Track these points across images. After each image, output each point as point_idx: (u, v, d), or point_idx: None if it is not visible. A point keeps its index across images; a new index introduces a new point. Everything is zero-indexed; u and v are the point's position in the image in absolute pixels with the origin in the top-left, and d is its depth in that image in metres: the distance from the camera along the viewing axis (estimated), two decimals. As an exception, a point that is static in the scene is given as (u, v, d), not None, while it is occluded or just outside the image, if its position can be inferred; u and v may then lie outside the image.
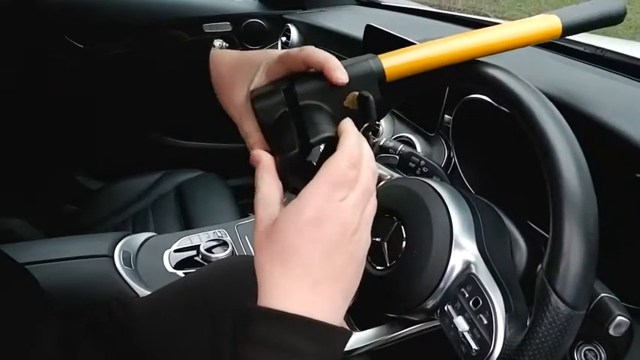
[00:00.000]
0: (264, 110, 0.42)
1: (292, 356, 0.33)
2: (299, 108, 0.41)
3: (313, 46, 0.43)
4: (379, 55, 0.45)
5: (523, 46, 0.51)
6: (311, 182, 0.36)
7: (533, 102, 0.41)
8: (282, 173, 0.39)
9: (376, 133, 0.87)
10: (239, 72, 0.47)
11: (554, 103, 0.43)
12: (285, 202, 0.38)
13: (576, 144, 0.40)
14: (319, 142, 0.39)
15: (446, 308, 0.46)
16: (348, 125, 0.39)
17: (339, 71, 0.41)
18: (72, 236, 0.87)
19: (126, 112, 0.54)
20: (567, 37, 0.78)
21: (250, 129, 0.46)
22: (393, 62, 0.45)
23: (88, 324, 0.61)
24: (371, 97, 0.41)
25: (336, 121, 0.40)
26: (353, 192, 0.36)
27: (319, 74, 0.42)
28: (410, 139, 0.85)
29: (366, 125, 0.41)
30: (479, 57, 0.48)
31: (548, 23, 0.51)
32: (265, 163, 0.40)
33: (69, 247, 0.81)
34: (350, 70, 0.42)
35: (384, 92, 0.45)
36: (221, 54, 0.50)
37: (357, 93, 0.42)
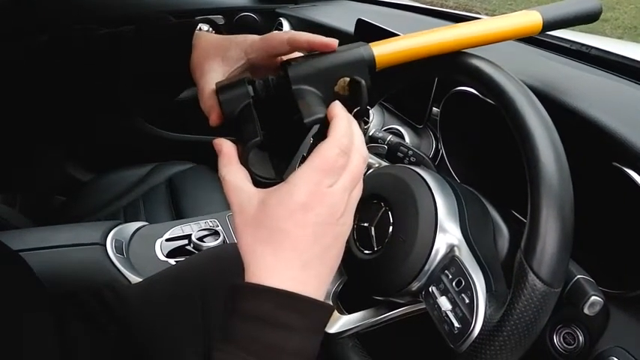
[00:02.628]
0: (228, 101, 0.42)
1: (281, 330, 0.35)
2: (290, 92, 0.42)
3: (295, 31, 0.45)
4: (370, 44, 0.46)
5: (506, 40, 0.53)
6: (301, 167, 0.37)
7: (514, 91, 0.43)
8: (245, 162, 0.40)
9: (367, 119, 0.88)
10: (217, 47, 0.48)
11: (536, 95, 0.45)
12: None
13: (554, 131, 0.41)
14: (313, 123, 0.39)
15: (430, 289, 0.48)
16: (337, 110, 0.40)
17: (326, 39, 0.43)
18: (64, 225, 0.88)
19: (116, 99, 0.55)
20: (555, 35, 0.81)
21: (210, 104, 0.46)
22: (383, 50, 0.46)
23: (81, 310, 0.62)
24: (363, 81, 0.42)
25: (327, 106, 0.41)
26: (341, 178, 0.37)
27: (310, 60, 0.43)
28: (399, 130, 0.86)
29: (357, 110, 0.42)
30: (464, 48, 0.50)
31: (529, 19, 0.53)
32: (227, 151, 0.40)
33: (60, 235, 0.82)
34: (341, 56, 0.44)
35: (374, 83, 0.46)
36: (205, 34, 0.51)
37: (347, 79, 0.43)
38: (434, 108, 0.82)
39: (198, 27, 0.52)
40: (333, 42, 0.44)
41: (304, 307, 0.36)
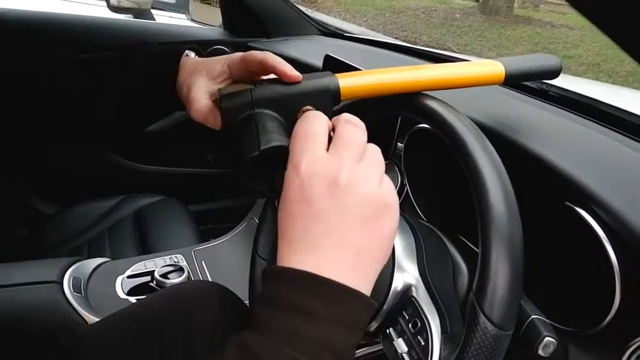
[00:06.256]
0: (230, 110, 0.42)
1: (299, 315, 0.32)
2: (252, 114, 0.42)
3: (272, 53, 0.46)
4: (336, 74, 0.47)
5: (468, 87, 0.54)
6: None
7: (465, 132, 0.44)
8: (242, 174, 0.40)
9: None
10: (201, 64, 0.51)
11: (490, 134, 0.46)
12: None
13: (504, 173, 0.42)
14: (269, 151, 0.39)
15: (388, 331, 0.47)
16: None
17: (292, 70, 0.44)
18: (19, 262, 0.84)
19: (86, 128, 0.54)
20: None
21: (204, 113, 0.48)
22: (348, 83, 0.47)
23: (33, 353, 0.59)
24: None
25: (288, 133, 0.41)
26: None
27: (275, 84, 0.44)
28: (365, 166, 0.87)
29: None
30: (428, 90, 0.51)
31: (493, 69, 0.55)
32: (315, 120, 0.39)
33: (15, 272, 0.78)
34: (307, 85, 0.44)
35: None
36: (190, 57, 0.54)
37: (311, 108, 0.43)
38: (398, 143, 0.83)
39: (185, 53, 0.54)
40: (296, 76, 0.44)
41: (330, 292, 0.32)
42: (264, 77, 0.48)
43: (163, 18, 1.69)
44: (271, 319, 0.32)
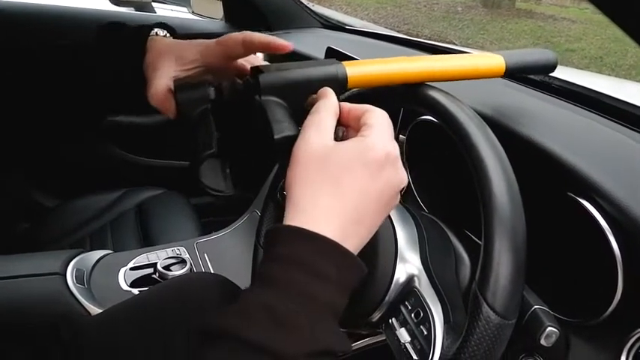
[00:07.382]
0: (186, 102, 0.42)
1: (317, 279, 0.33)
2: (258, 101, 0.41)
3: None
4: (344, 62, 0.46)
5: (470, 79, 0.54)
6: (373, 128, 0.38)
7: (468, 123, 0.44)
8: (196, 172, 0.39)
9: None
10: (171, 47, 0.48)
11: (492, 125, 0.46)
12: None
13: (507, 163, 0.42)
14: (283, 140, 0.38)
15: (390, 321, 0.47)
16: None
17: (279, 40, 0.43)
18: (22, 254, 0.85)
19: (87, 122, 0.54)
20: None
21: (161, 99, 0.46)
22: (356, 71, 0.46)
23: (36, 346, 0.59)
24: None
25: (295, 121, 0.40)
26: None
27: (283, 70, 0.42)
28: (367, 158, 0.87)
29: None
30: (432, 80, 0.51)
31: (494, 62, 0.55)
32: (330, 95, 0.41)
33: (18, 264, 0.78)
34: (315, 71, 0.43)
35: None
36: (160, 38, 0.51)
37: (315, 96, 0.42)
38: (400, 135, 0.83)
39: (154, 32, 0.52)
40: (286, 45, 0.44)
41: (341, 257, 0.34)
42: (239, 60, 0.47)
43: (164, 11, 1.67)
44: (286, 277, 0.33)
